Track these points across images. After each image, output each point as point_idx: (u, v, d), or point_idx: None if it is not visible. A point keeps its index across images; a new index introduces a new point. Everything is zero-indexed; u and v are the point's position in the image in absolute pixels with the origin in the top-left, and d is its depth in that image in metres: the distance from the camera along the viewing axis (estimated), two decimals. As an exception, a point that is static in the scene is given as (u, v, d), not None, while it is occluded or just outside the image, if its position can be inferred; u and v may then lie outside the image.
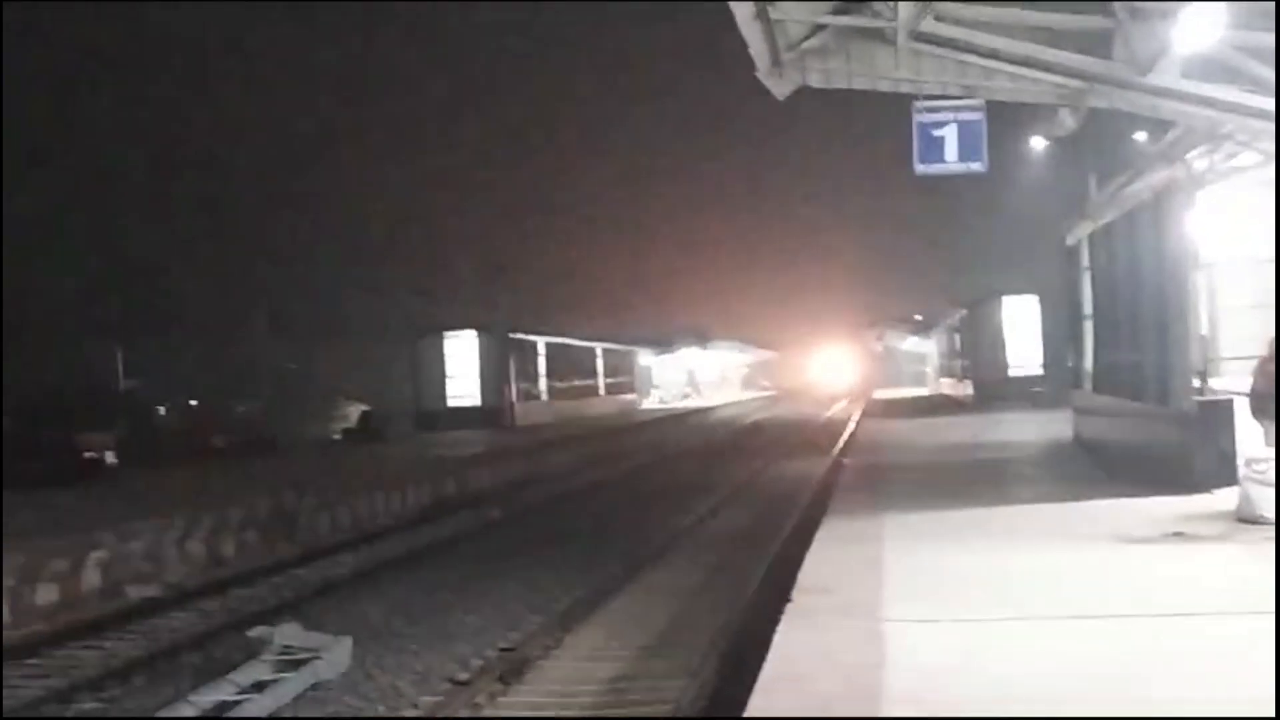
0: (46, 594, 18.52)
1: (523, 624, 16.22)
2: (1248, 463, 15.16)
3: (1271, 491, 14.47)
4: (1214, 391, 18.94)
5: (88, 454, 34.07)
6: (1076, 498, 17.87)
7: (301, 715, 12.80)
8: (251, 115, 70.25)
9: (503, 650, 14.74)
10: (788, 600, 11.23)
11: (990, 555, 13.25)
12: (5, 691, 14.19)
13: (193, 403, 51.74)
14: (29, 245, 51.05)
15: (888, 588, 11.62)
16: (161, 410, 48.53)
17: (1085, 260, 27.37)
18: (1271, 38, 15.16)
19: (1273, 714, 6.65)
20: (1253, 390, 16.03)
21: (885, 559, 13.16)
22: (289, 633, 14.53)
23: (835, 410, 77.69)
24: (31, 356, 45.38)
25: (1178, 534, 14.05)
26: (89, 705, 13.53)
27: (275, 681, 13.18)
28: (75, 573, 19.23)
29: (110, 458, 35.25)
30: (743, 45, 15.86)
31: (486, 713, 12.60)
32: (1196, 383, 18.89)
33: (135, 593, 19.70)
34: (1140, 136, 29.25)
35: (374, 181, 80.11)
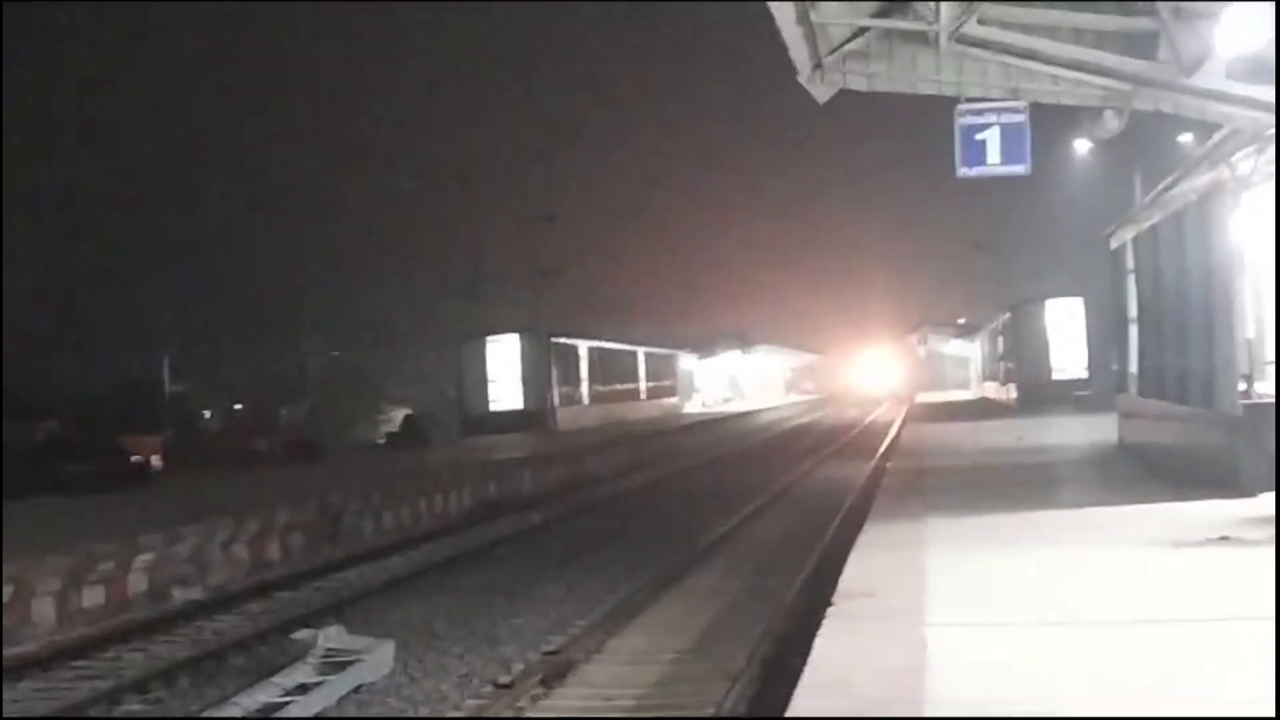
0: (93, 596, 18.67)
1: (566, 627, 16.26)
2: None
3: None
4: (1260, 395, 18.81)
5: (134, 458, 34.37)
6: (1121, 502, 17.75)
7: (345, 716, 12.85)
8: (295, 121, 70.71)
9: (546, 654, 14.76)
10: (829, 604, 11.20)
11: (1034, 559, 13.17)
12: (55, 693, 14.33)
13: (237, 407, 52.18)
14: (76, 251, 51.58)
15: (931, 592, 11.56)
16: (207, 415, 48.96)
17: (1130, 263, 27.18)
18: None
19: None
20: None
21: (928, 563, 13.10)
22: (333, 635, 14.63)
23: (878, 414, 77.44)
24: (80, 361, 45.81)
25: (1224, 538, 13.93)
26: (135, 707, 13.63)
27: (319, 684, 13.26)
28: (121, 576, 19.38)
29: (156, 461, 35.55)
30: (783, 49, 15.85)
31: (529, 714, 12.62)
32: (1242, 386, 18.74)
33: (181, 595, 19.86)
34: (1185, 139, 29.12)
35: (416, 184, 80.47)
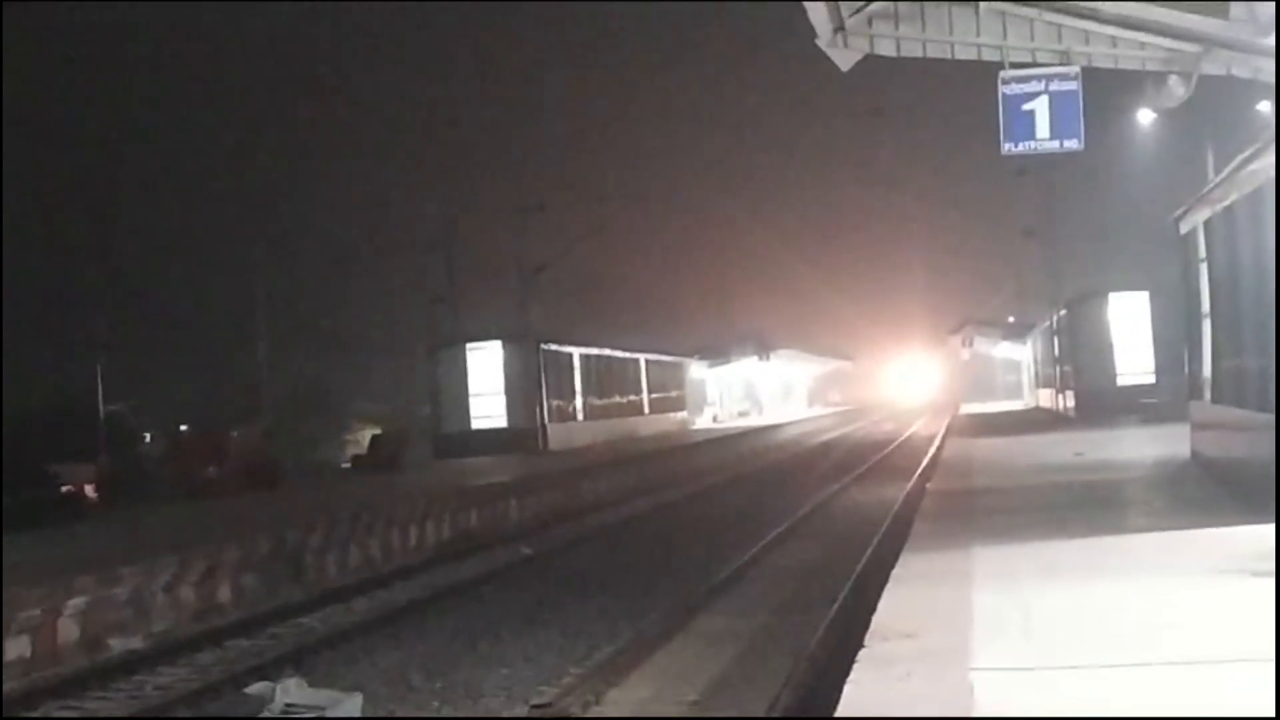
0: (17, 647, 18.61)
1: (560, 676, 16.22)
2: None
3: None
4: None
5: (65, 488, 34.34)
6: (1194, 525, 17.73)
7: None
8: (250, 114, 70.93)
9: (535, 707, 14.73)
10: (861, 647, 11.18)
11: (1095, 593, 13.14)
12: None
13: (183, 429, 52.16)
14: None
15: (977, 632, 11.54)
16: (148, 438, 48.93)
17: (1202, 250, 27.17)
18: None
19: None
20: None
21: (974, 599, 13.07)
22: (292, 689, 14.59)
23: (916, 427, 77.51)
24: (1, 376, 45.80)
25: (1312, 565, 13.92)
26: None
27: (276, 745, 13.23)
28: (50, 623, 19.33)
29: (91, 492, 35.53)
30: (802, 9, 15.85)
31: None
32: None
33: (119, 645, 19.79)
34: (1263, 107, 29.08)
35: (388, 175, 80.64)
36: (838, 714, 9.13)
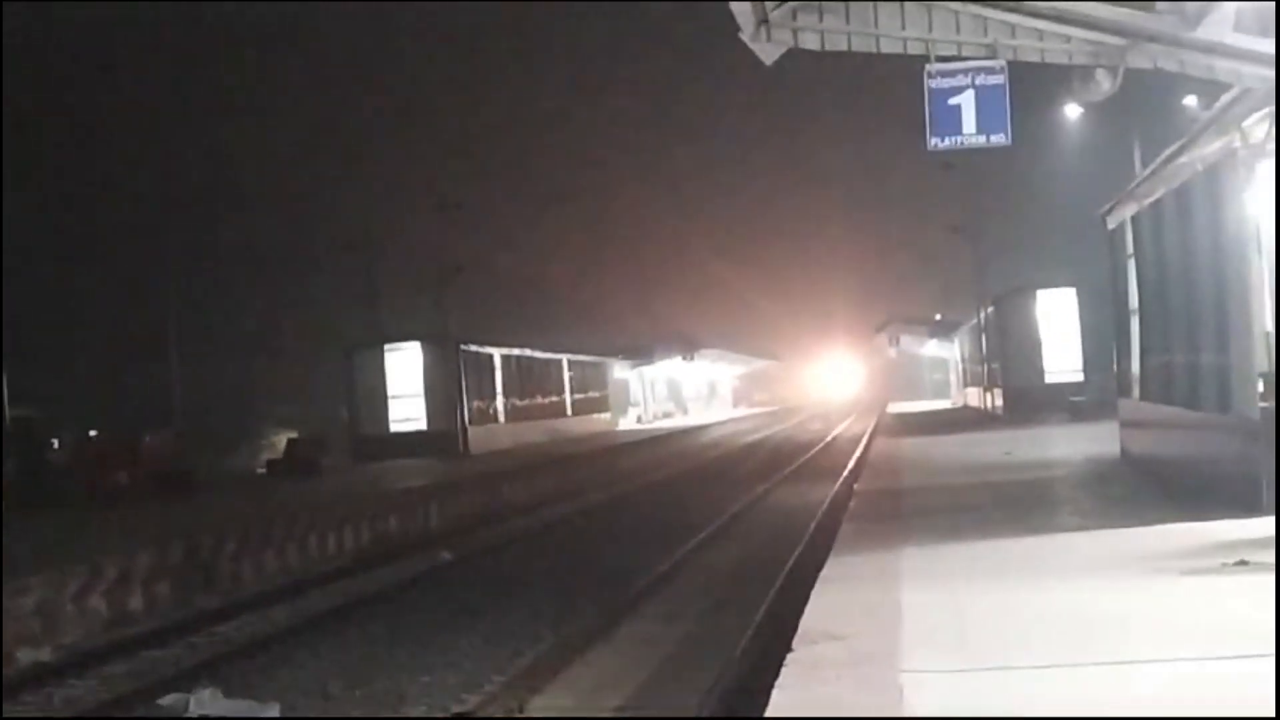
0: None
1: (482, 684, 16.16)
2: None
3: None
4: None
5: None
6: (1124, 524, 17.88)
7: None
8: (162, 109, 70.31)
9: (457, 716, 14.68)
10: (788, 650, 11.20)
11: (1025, 593, 13.23)
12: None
13: (92, 434, 51.62)
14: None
15: (907, 633, 11.58)
16: (55, 444, 48.36)
17: (1130, 246, 27.41)
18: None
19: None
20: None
21: (903, 600, 13.12)
22: (207, 700, 14.50)
23: (843, 427, 77.82)
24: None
25: (1241, 563, 14.04)
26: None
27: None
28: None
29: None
30: (725, 3, 15.86)
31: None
32: (1262, 387, 18.91)
33: (26, 657, 19.56)
34: (1190, 101, 29.41)
35: (305, 173, 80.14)
36: (768, 717, 9.14)
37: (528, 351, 68.71)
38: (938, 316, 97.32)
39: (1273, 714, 6.58)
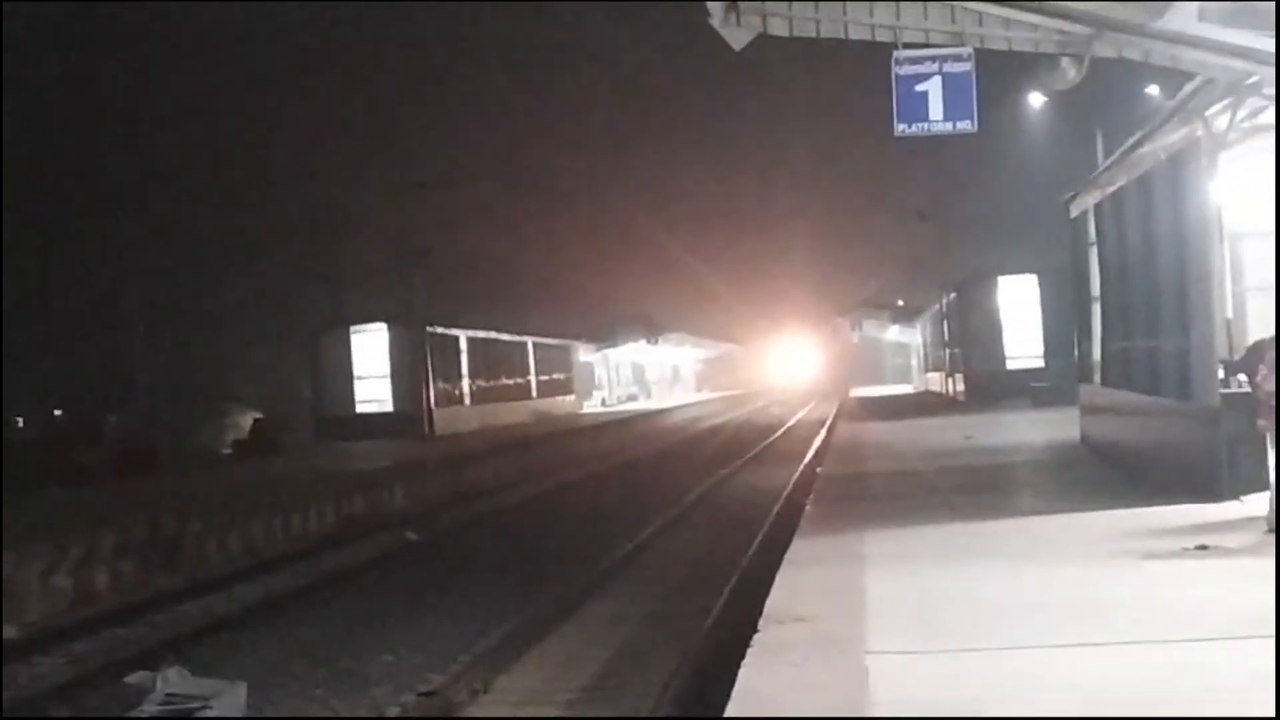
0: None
1: (447, 664, 16.16)
2: (1281, 465, 15.27)
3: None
4: (1241, 383, 19.06)
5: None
6: (1085, 508, 17.97)
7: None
8: (128, 89, 69.82)
9: (422, 695, 14.68)
10: (755, 631, 11.22)
11: (985, 576, 13.29)
12: None
13: (57, 413, 51.45)
14: None
15: (870, 616, 11.63)
16: (19, 422, 48.17)
17: (1092, 234, 27.53)
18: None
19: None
20: (1260, 390, 16.22)
21: (867, 583, 13.17)
22: (173, 678, 14.45)
23: (806, 412, 77.92)
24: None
25: (1201, 547, 14.13)
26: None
27: (156, 736, 13.10)
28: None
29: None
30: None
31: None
32: (1222, 373, 19.00)
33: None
34: (1153, 90, 29.49)
35: (271, 151, 79.70)
36: (732, 700, 9.16)
37: (493, 334, 68.57)
38: (900, 302, 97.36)
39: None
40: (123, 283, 61.86)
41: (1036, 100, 34.95)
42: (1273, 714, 6.52)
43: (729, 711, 8.90)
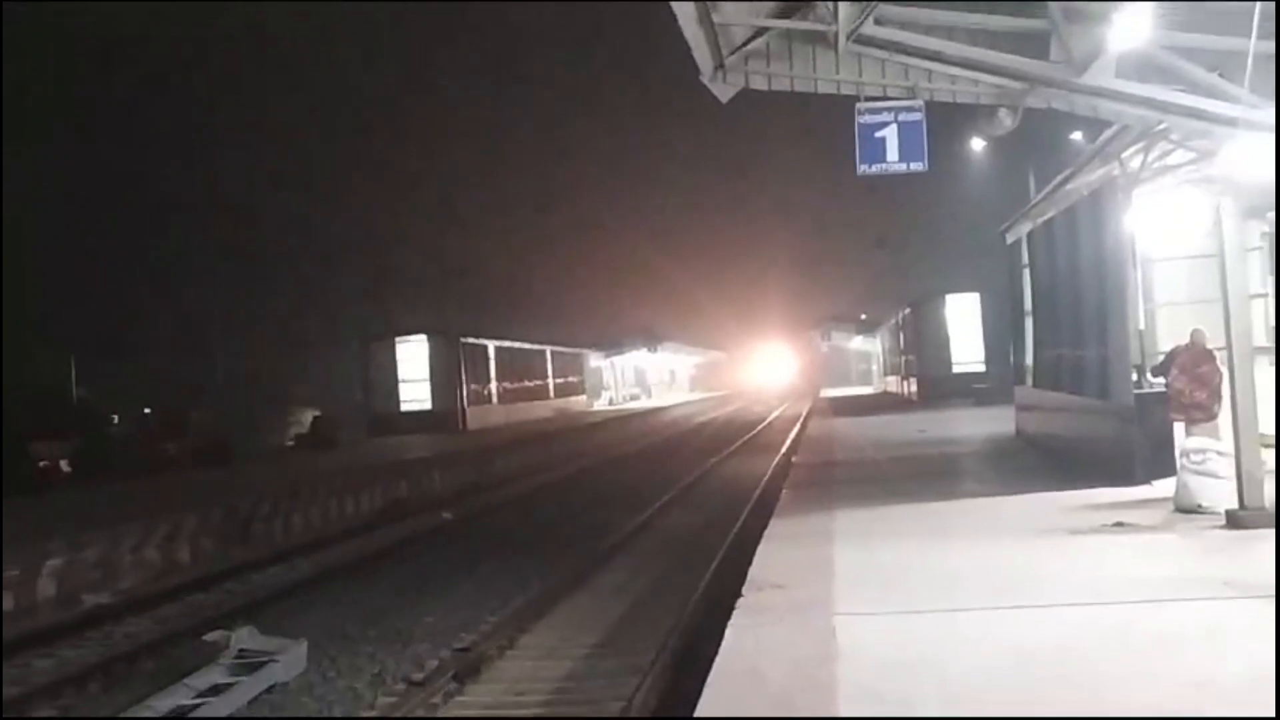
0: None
1: (478, 624, 16.16)
2: (1184, 454, 15.29)
3: (1208, 481, 14.60)
4: (1152, 385, 19.09)
5: (42, 462, 33.78)
6: (1019, 491, 17.97)
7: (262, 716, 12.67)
8: (208, 126, 69.85)
9: (458, 650, 14.67)
10: (739, 596, 11.22)
11: (936, 549, 13.30)
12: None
13: (146, 411, 51.39)
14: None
15: (837, 583, 11.63)
16: (115, 419, 48.14)
17: (1025, 258, 27.54)
18: (1203, 39, 15.30)
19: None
20: (1172, 389, 16.20)
21: (835, 555, 13.17)
22: (245, 637, 14.45)
23: (782, 410, 77.82)
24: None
25: (1118, 524, 14.15)
26: (45, 713, 13.36)
27: (232, 685, 13.10)
28: (29, 582, 19.03)
29: (65, 466, 34.95)
30: (687, 49, 15.86)
31: (442, 713, 12.52)
32: (1135, 377, 19.03)
33: (91, 600, 19.51)
34: (1076, 136, 29.46)
35: (326, 186, 79.76)
36: (720, 654, 9.16)
37: (517, 343, 68.60)
38: (863, 316, 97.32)
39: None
40: (204, 299, 61.98)
41: (978, 144, 34.85)
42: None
43: (718, 662, 8.90)
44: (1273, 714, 6.24)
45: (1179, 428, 16.73)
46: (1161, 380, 16.47)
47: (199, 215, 67.74)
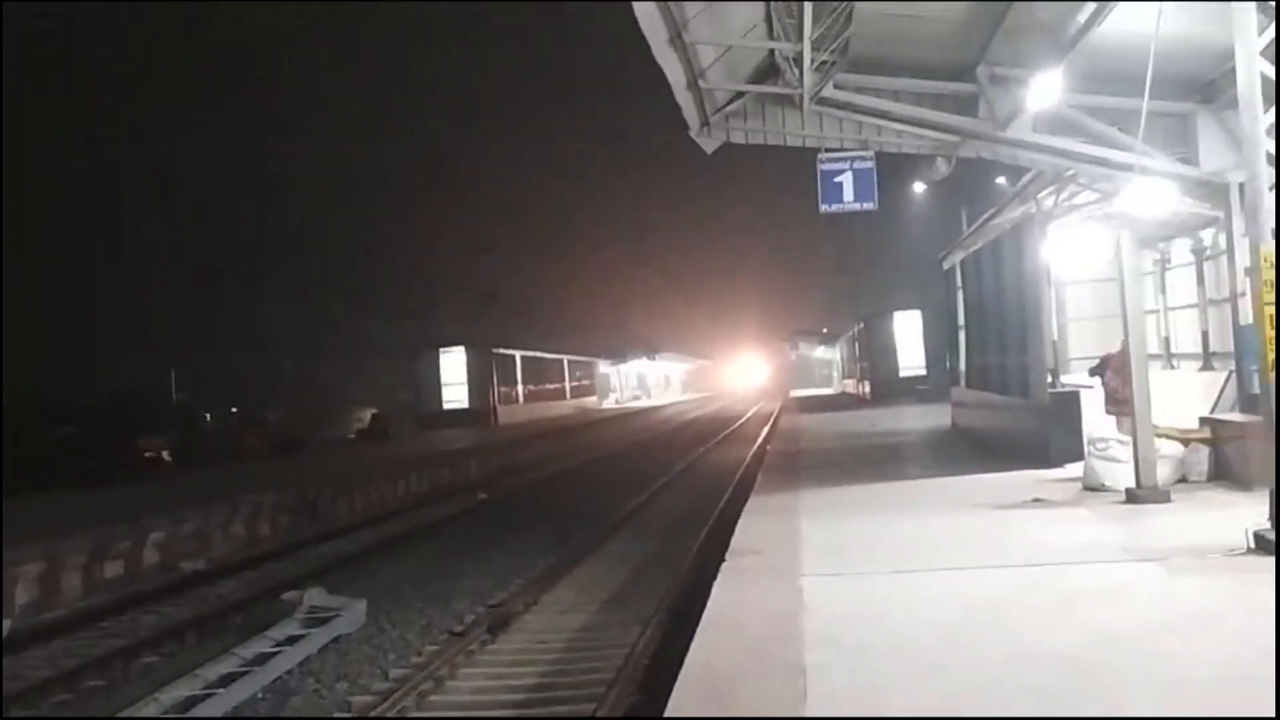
0: (113, 569, 18.36)
1: (508, 585, 16.16)
2: (1091, 442, 15.34)
3: (1110, 464, 14.64)
4: (1064, 385, 19.15)
5: (148, 453, 33.82)
6: (954, 474, 17.97)
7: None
8: (290, 171, 69.96)
9: (491, 607, 14.69)
10: (723, 561, 11.25)
11: (886, 522, 13.31)
12: (78, 650, 14.03)
13: (233, 410, 51.42)
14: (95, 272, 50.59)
15: (804, 550, 11.65)
16: (207, 417, 48.17)
17: (959, 281, 27.58)
18: (1105, 99, 15.37)
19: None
20: (1107, 387, 16.22)
21: (803, 527, 13.20)
22: (315, 596, 14.51)
23: (758, 408, 77.76)
24: (95, 370, 44.91)
25: (1037, 500, 14.17)
26: (150, 660, 13.38)
27: (304, 636, 13.13)
28: (137, 552, 19.08)
29: (166, 456, 34.99)
30: (678, 109, 15.95)
31: (479, 658, 12.53)
32: (1050, 379, 19.07)
33: (188, 567, 19.55)
34: (1001, 180, 29.52)
35: (380, 224, 79.92)
36: (706, 608, 9.18)
37: (538, 353, 68.68)
38: (824, 329, 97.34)
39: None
40: (279, 318, 62.07)
41: (919, 187, 34.97)
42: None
43: (706, 614, 8.93)
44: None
45: (1088, 420, 16.79)
46: (1098, 379, 16.48)
47: (282, 248, 68.07)
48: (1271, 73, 10.28)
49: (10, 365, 41.81)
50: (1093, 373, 17.02)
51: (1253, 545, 10.07)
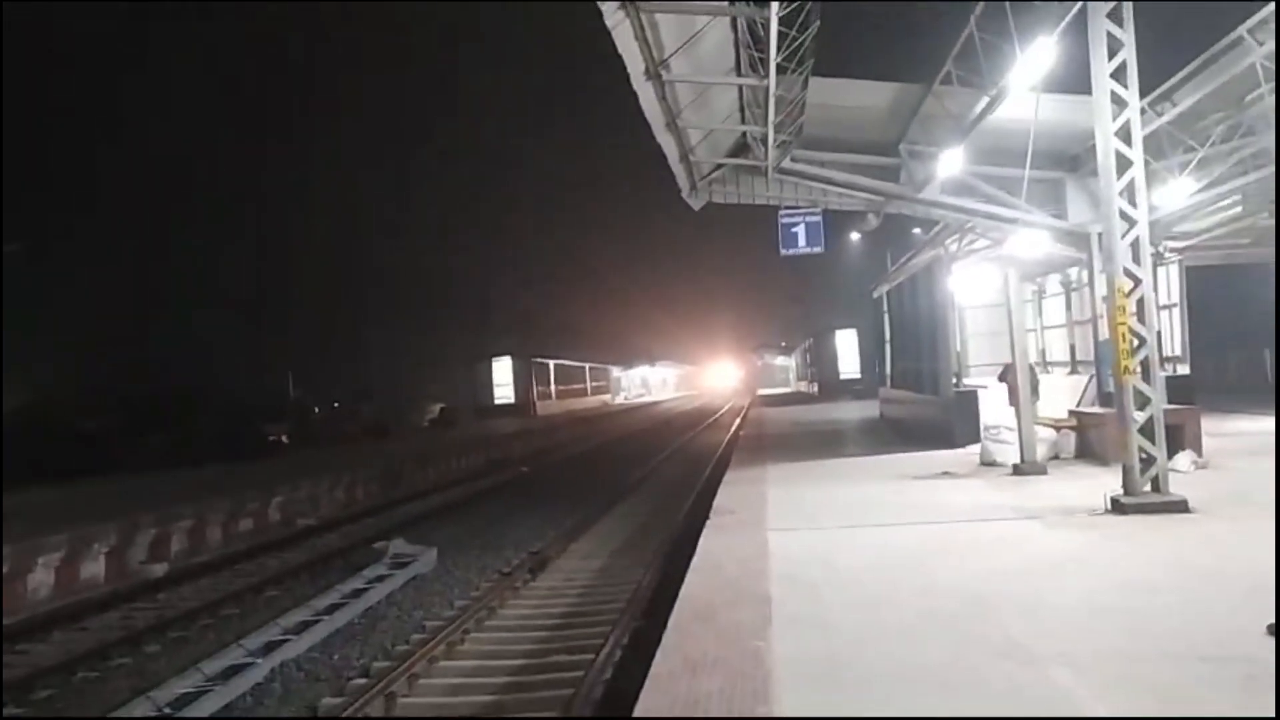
0: (245, 525, 18.36)
1: (545, 537, 16.13)
2: (986, 428, 15.34)
3: (1001, 446, 14.61)
4: (965, 386, 19.14)
5: (271, 438, 33.83)
6: (881, 453, 17.98)
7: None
8: (383, 214, 69.88)
9: (531, 553, 14.67)
10: (707, 518, 11.25)
11: (831, 489, 13.32)
12: (220, 587, 13.99)
13: (335, 404, 51.35)
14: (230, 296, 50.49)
15: (770, 510, 11.65)
16: (316, 409, 48.12)
17: (885, 306, 27.58)
18: (995, 169, 15.37)
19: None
20: (1009, 386, 16.23)
21: (768, 493, 13.20)
22: (398, 545, 14.48)
23: (732, 403, 77.63)
24: (229, 375, 44.85)
25: (945, 473, 14.16)
26: (274, 594, 13.33)
27: (389, 576, 13.12)
28: (263, 511, 19.07)
29: (284, 439, 34.98)
30: (672, 175, 15.98)
31: (523, 592, 12.49)
32: (955, 380, 19.05)
33: (302, 524, 19.53)
34: (917, 230, 29.56)
35: (450, 258, 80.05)
36: (695, 556, 9.16)
37: (567, 361, 68.77)
38: (783, 343, 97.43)
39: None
40: (372, 333, 62.07)
41: (855, 235, 34.96)
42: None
43: (694, 559, 8.92)
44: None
45: (984, 411, 16.76)
46: (1004, 383, 16.48)
47: (377, 278, 68.23)
48: (1124, 149, 10.29)
49: (177, 362, 41.87)
50: (1000, 378, 17.07)
51: (1109, 507, 10.09)
